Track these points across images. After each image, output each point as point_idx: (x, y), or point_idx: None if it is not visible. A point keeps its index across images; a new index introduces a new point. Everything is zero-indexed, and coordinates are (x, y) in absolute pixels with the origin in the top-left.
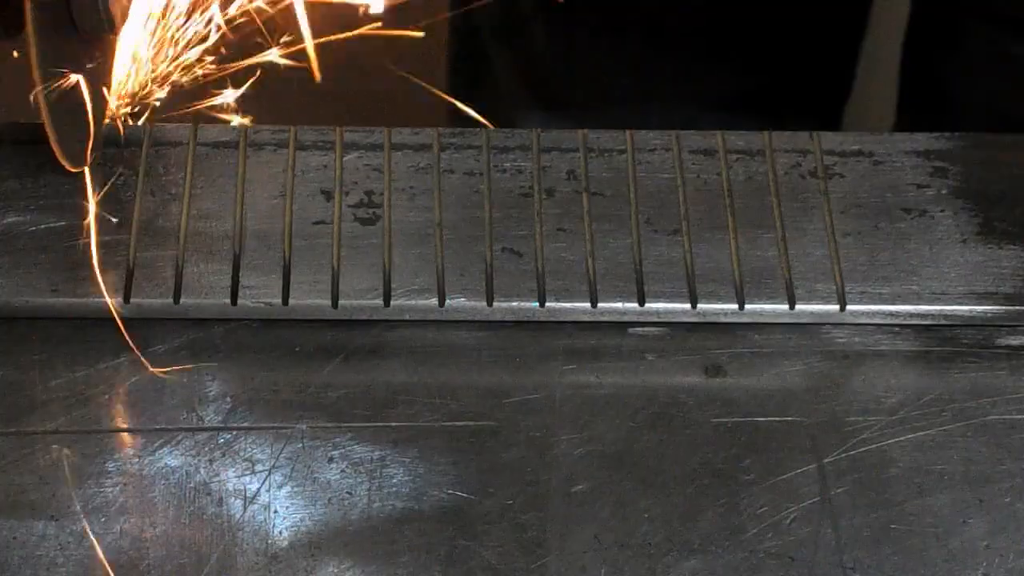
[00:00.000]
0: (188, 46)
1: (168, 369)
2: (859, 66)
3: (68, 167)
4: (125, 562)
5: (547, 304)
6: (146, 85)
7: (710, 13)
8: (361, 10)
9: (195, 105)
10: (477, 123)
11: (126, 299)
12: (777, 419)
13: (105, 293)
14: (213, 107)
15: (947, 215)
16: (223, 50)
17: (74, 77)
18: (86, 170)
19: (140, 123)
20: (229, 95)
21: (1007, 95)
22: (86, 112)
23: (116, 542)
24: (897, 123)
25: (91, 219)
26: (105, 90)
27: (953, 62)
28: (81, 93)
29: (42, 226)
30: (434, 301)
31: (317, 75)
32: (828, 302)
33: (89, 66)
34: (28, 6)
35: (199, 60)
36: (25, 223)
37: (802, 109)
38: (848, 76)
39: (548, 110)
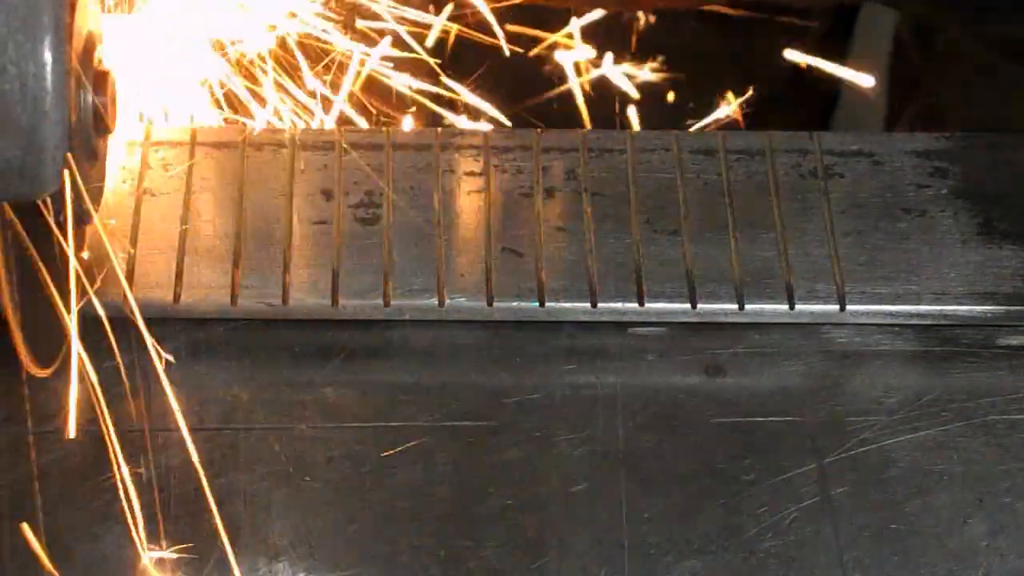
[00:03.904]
0: None
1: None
2: (843, 86)
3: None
4: (125, 562)
5: (547, 304)
6: None
7: (693, 43)
8: None
9: None
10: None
11: (127, 299)
12: (777, 419)
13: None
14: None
15: (947, 215)
16: None
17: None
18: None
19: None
20: None
21: (1000, 116)
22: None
23: (116, 541)
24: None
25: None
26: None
27: (941, 81)
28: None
29: None
30: (434, 301)
31: None
32: (828, 302)
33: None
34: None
35: None
36: None
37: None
38: (833, 95)
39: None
